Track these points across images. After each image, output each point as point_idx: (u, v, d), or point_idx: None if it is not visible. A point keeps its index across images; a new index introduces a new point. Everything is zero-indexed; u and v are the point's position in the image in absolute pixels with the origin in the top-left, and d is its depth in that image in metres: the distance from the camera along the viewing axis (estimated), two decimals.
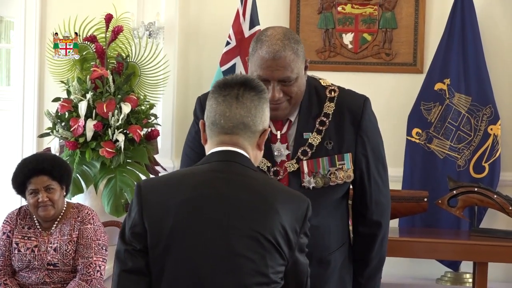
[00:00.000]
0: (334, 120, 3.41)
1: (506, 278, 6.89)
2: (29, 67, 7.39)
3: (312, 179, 3.39)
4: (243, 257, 2.53)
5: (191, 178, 2.67)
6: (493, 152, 6.76)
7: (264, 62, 3.25)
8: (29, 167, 4.69)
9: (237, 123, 2.65)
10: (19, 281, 4.69)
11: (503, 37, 7.02)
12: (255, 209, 2.58)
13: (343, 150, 3.41)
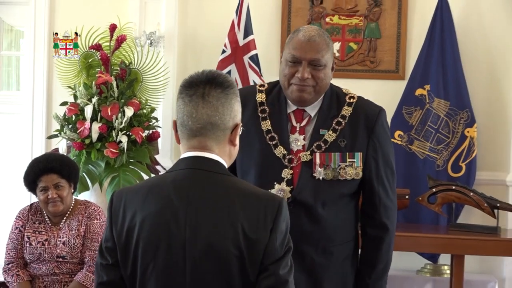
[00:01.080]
0: (349, 122, 3.53)
1: (481, 270, 6.87)
2: (38, 73, 7.39)
3: (323, 170, 3.49)
4: (204, 272, 2.41)
5: (156, 189, 2.51)
6: (469, 153, 6.76)
7: (299, 44, 3.45)
8: (39, 166, 4.71)
9: (205, 123, 2.49)
10: (31, 272, 4.71)
11: (479, 47, 7.00)
12: (215, 218, 2.42)
13: (354, 149, 3.52)
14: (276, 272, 2.40)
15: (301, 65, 3.42)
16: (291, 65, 3.46)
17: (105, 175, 6.37)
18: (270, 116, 3.59)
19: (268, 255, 2.39)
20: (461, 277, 5.95)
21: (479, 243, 6.03)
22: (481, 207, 6.08)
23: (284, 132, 3.57)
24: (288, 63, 3.47)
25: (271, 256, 2.40)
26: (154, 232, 2.44)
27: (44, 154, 5.32)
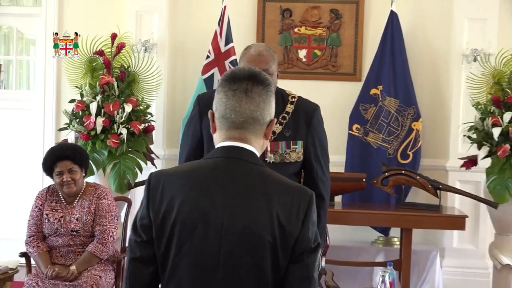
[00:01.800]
0: (292, 117, 3.72)
1: (425, 241, 6.90)
2: (49, 75, 7.38)
3: (273, 156, 3.67)
4: (238, 256, 2.26)
5: (196, 173, 2.37)
6: (415, 143, 6.80)
7: (252, 57, 3.62)
8: (56, 153, 4.72)
9: (247, 118, 2.35)
10: (49, 244, 4.72)
11: (423, 53, 7.05)
12: (252, 206, 2.28)
13: (296, 138, 3.72)
14: (309, 264, 2.30)
15: None
16: None
17: (107, 161, 6.35)
18: None
19: (300, 244, 2.27)
20: (409, 247, 5.98)
21: (424, 219, 6.10)
22: (426, 188, 6.14)
23: None
24: None
25: (302, 245, 2.27)
26: (191, 215, 2.29)
27: (59, 144, 5.29)
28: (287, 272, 2.27)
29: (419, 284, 6.47)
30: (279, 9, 7.20)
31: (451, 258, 6.97)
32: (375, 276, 6.57)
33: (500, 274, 6.44)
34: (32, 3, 7.68)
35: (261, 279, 2.25)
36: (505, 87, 6.32)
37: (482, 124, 6.32)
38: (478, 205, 6.73)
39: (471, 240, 6.95)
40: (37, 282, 4.51)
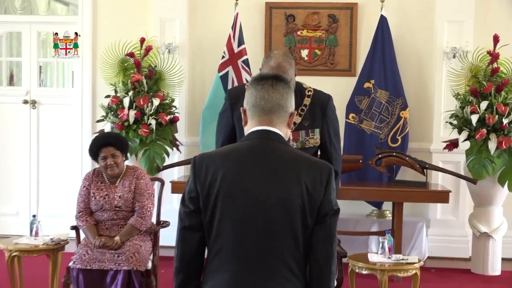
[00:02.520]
0: (309, 108, 3.78)
1: (413, 213, 6.88)
2: (86, 74, 7.38)
3: (295, 143, 3.74)
4: (275, 219, 2.35)
5: (234, 153, 2.47)
6: (403, 129, 6.79)
7: (271, 68, 3.60)
8: (100, 141, 4.74)
9: (274, 104, 2.47)
10: (95, 218, 4.74)
11: (410, 52, 7.04)
12: (285, 176, 2.37)
13: (314, 126, 3.79)
14: (331, 225, 2.39)
15: None
16: None
17: (139, 148, 6.42)
18: None
19: (323, 206, 2.36)
20: (400, 218, 6.02)
21: (413, 194, 6.15)
22: (414, 167, 6.18)
23: None
24: None
25: (325, 207, 2.37)
26: (233, 185, 2.38)
27: (103, 133, 5.30)
28: (313, 231, 2.36)
29: (408, 250, 6.45)
30: (284, 15, 7.19)
31: (436, 227, 6.99)
32: (370, 243, 6.61)
33: (478, 241, 6.52)
34: (65, 13, 7.70)
35: (293, 237, 2.34)
36: (481, 79, 6.34)
37: (462, 112, 6.34)
38: (458, 181, 6.76)
39: (452, 212, 6.98)
40: (87, 251, 4.53)
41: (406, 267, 4.50)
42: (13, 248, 4.84)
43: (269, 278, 2.35)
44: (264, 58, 3.78)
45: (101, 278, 4.51)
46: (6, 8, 7.83)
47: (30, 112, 7.65)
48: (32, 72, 7.62)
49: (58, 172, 7.62)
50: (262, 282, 2.35)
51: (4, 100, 7.69)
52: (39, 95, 7.65)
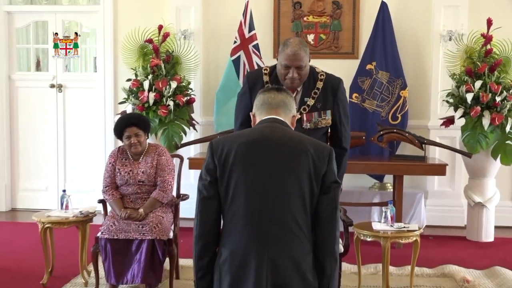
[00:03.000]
0: (322, 91, 3.78)
1: (412, 185, 6.93)
2: (108, 60, 7.41)
3: (308, 123, 3.76)
4: (286, 181, 2.46)
5: (246, 132, 2.62)
6: (403, 108, 6.80)
7: (288, 56, 3.62)
8: (125, 121, 4.73)
9: (280, 102, 2.66)
10: (121, 192, 4.74)
11: (408, 35, 7.02)
12: (294, 150, 2.51)
13: (326, 108, 3.80)
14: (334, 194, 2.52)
15: (291, 69, 3.64)
16: (285, 69, 3.67)
17: (159, 127, 6.46)
18: None
19: (327, 176, 2.51)
20: (400, 190, 6.06)
21: (412, 167, 6.18)
22: (413, 143, 6.20)
23: None
24: (282, 67, 3.68)
25: (329, 177, 2.51)
26: (246, 156, 2.50)
27: (127, 114, 5.24)
28: (318, 200, 2.51)
29: (408, 219, 6.49)
30: (291, 2, 7.19)
31: (433, 198, 7.03)
32: (372, 214, 6.65)
33: (473, 210, 6.56)
34: (87, 2, 7.69)
35: (302, 200, 2.47)
36: (475, 60, 6.33)
37: (458, 90, 6.34)
38: (454, 155, 6.78)
39: (449, 184, 7.01)
40: (114, 222, 4.55)
41: (407, 234, 4.50)
42: (46, 220, 4.86)
43: (279, 233, 2.46)
44: (281, 46, 3.74)
45: (127, 247, 4.53)
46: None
47: (56, 96, 7.67)
48: (58, 59, 7.59)
49: (83, 150, 7.66)
50: (273, 237, 2.46)
51: (32, 84, 7.72)
52: (64, 79, 7.67)
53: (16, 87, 7.75)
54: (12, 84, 7.74)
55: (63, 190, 5.22)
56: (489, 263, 5.54)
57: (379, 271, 5.13)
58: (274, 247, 2.46)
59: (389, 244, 4.47)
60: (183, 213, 5.19)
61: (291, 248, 2.46)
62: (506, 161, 6.37)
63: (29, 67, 7.90)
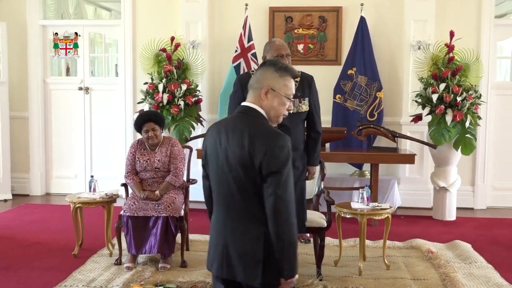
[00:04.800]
0: (300, 83, 4.09)
1: (387, 173, 6.98)
2: (128, 66, 7.44)
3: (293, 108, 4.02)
4: (238, 177, 2.29)
5: (221, 123, 2.43)
6: (379, 106, 6.83)
7: (278, 47, 4.06)
8: (143, 118, 4.77)
9: (250, 85, 2.44)
10: (140, 177, 4.80)
11: (384, 44, 7.05)
12: (239, 142, 2.29)
13: (304, 96, 4.13)
14: (273, 184, 2.23)
15: (283, 58, 4.01)
16: (280, 57, 3.98)
17: (171, 123, 6.52)
18: None
19: (264, 169, 2.24)
20: (376, 177, 6.14)
21: (386, 157, 6.25)
22: (387, 136, 6.27)
23: None
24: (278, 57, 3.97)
25: (266, 170, 2.23)
26: (211, 148, 2.42)
27: (146, 111, 5.20)
28: (263, 189, 2.26)
29: (384, 201, 6.51)
30: (284, 17, 7.23)
31: (405, 184, 7.08)
32: (353, 197, 6.60)
33: (438, 193, 6.64)
34: (109, 17, 7.77)
35: (254, 190, 2.27)
36: (440, 66, 6.40)
37: (425, 92, 6.41)
38: (422, 147, 6.83)
39: (418, 171, 7.06)
40: (134, 202, 4.65)
41: (380, 212, 4.56)
42: (77, 201, 4.96)
43: (237, 221, 2.34)
44: (267, 45, 4.08)
45: (145, 223, 4.62)
46: (63, 14, 7.89)
47: (84, 97, 7.73)
48: (85, 65, 7.71)
49: (106, 143, 7.71)
50: (232, 224, 2.36)
51: (63, 87, 7.79)
52: (91, 83, 7.73)
53: (50, 89, 7.81)
54: (46, 87, 7.80)
55: (91, 176, 5.29)
56: (451, 238, 5.64)
57: (357, 244, 5.22)
58: (229, 230, 2.36)
59: (365, 220, 4.54)
60: (192, 196, 5.26)
61: (245, 231, 2.32)
62: (466, 152, 6.44)
63: (60, 73, 7.99)
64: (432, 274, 4.58)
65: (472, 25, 7.02)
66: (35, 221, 6.31)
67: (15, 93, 7.63)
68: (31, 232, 5.84)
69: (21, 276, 4.52)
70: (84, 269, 4.66)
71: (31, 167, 7.77)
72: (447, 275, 4.49)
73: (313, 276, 4.39)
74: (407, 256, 5.06)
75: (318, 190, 4.83)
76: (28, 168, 7.77)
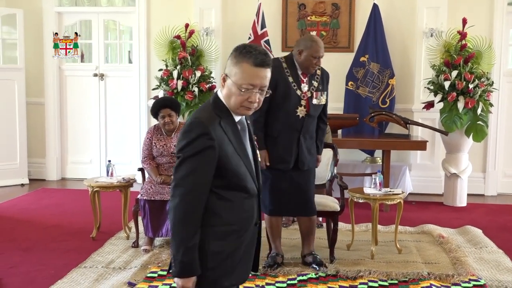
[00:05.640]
0: (321, 78, 4.18)
1: (398, 159, 7.03)
2: (142, 52, 7.52)
3: (316, 99, 4.13)
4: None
5: None
6: (391, 93, 6.86)
7: (317, 50, 4.07)
8: (160, 104, 4.83)
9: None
10: (157, 162, 4.87)
11: (396, 31, 7.07)
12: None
13: (323, 90, 4.18)
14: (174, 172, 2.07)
15: (317, 59, 4.08)
16: (314, 59, 4.06)
17: (185, 110, 6.56)
18: (291, 75, 4.13)
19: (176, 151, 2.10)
20: (388, 163, 6.20)
21: (398, 143, 6.29)
22: (399, 123, 6.32)
23: (299, 83, 4.13)
24: (312, 58, 4.04)
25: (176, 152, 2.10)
26: None
27: (161, 97, 5.38)
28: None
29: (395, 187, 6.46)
30: (297, 4, 7.27)
31: (416, 170, 7.12)
32: (364, 183, 6.67)
33: (449, 180, 6.69)
34: (122, 4, 7.83)
35: None
36: (452, 53, 6.43)
37: (437, 79, 6.44)
38: (434, 134, 6.87)
39: (429, 158, 7.10)
40: (151, 186, 4.74)
41: (392, 196, 4.63)
42: (95, 185, 5.05)
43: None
44: (308, 41, 4.06)
45: (162, 206, 4.71)
46: (77, 1, 7.97)
47: (99, 83, 7.81)
48: (100, 52, 7.80)
49: (121, 129, 7.81)
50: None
51: (79, 73, 7.88)
52: (105, 69, 7.81)
53: (65, 76, 7.90)
54: (61, 74, 7.89)
55: (109, 161, 5.38)
56: (462, 223, 5.71)
57: (369, 229, 5.28)
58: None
59: (378, 205, 4.62)
60: None
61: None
62: (477, 138, 6.48)
63: (76, 59, 8.04)
64: (443, 258, 4.66)
65: (484, 12, 7.03)
66: (52, 205, 6.44)
67: (31, 80, 7.72)
68: (48, 215, 5.96)
69: (41, 257, 4.65)
70: (103, 251, 4.78)
71: (47, 152, 7.89)
72: (458, 259, 4.57)
73: (326, 260, 4.48)
74: (418, 241, 5.14)
75: (331, 176, 4.92)
76: (44, 153, 7.89)
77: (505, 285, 4.10)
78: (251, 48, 2.11)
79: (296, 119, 4.13)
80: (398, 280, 4.13)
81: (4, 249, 4.82)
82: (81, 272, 4.28)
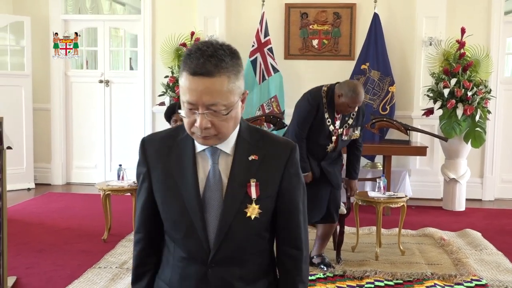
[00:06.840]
0: (356, 115, 4.31)
1: (398, 164, 7.14)
2: (147, 59, 7.61)
3: (345, 136, 4.31)
4: None
5: None
6: (391, 100, 6.97)
7: (355, 101, 4.23)
8: (173, 108, 4.79)
9: None
10: None
11: (396, 40, 7.18)
12: None
13: (357, 125, 4.38)
14: None
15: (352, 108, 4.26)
16: (349, 106, 4.21)
17: None
18: (328, 111, 4.29)
19: None
20: (389, 168, 6.33)
21: (398, 149, 6.44)
22: (399, 129, 6.41)
23: (333, 120, 4.29)
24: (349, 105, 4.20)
25: None
26: None
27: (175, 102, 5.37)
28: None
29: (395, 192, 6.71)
30: (299, 13, 7.38)
31: (416, 175, 7.23)
32: (365, 187, 6.81)
33: (448, 185, 6.81)
34: (129, 12, 7.96)
35: None
36: (451, 62, 6.57)
37: (436, 86, 6.57)
38: (433, 140, 6.97)
39: (428, 163, 7.21)
40: None
41: (396, 200, 4.79)
42: (106, 188, 5.18)
43: None
44: (350, 91, 4.14)
45: None
46: (80, 9, 8.07)
47: (104, 89, 7.90)
48: (105, 58, 7.92)
49: (126, 134, 7.88)
50: None
51: (84, 80, 7.97)
52: (111, 76, 7.90)
53: (71, 82, 8.00)
54: (67, 80, 7.99)
55: (119, 165, 5.50)
56: (461, 227, 5.85)
57: (372, 232, 5.47)
58: None
59: (382, 208, 4.77)
60: None
61: None
62: (475, 144, 6.61)
63: (81, 66, 8.18)
64: (445, 259, 4.82)
65: (482, 21, 7.17)
66: (60, 209, 6.55)
67: (38, 86, 7.82)
68: (58, 219, 6.08)
69: (55, 258, 4.78)
70: (115, 252, 4.92)
71: (52, 157, 7.98)
72: (459, 260, 4.73)
73: (333, 261, 4.63)
74: (420, 243, 5.29)
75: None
76: (50, 158, 7.98)
77: (506, 285, 4.27)
78: (194, 49, 1.50)
79: (323, 152, 4.34)
80: (403, 280, 4.30)
81: (19, 250, 4.95)
82: (96, 272, 4.42)
